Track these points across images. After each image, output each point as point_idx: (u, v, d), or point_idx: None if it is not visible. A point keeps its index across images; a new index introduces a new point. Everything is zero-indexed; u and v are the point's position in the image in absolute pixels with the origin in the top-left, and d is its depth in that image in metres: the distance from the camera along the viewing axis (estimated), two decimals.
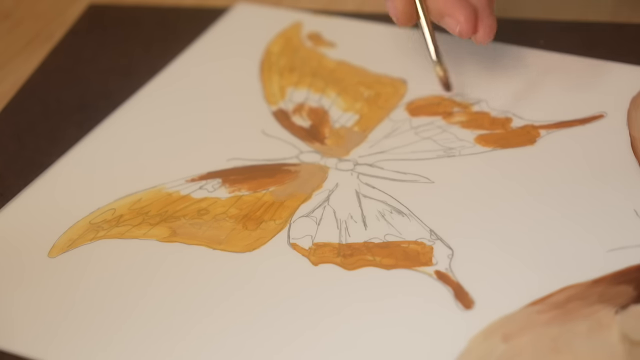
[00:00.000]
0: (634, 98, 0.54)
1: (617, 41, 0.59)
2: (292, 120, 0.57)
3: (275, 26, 0.64)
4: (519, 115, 0.55)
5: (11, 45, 0.67)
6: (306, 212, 0.51)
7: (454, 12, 0.51)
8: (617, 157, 0.51)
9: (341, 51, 0.62)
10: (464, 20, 0.51)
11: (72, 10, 0.69)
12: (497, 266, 0.46)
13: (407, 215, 0.50)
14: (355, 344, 0.44)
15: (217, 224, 0.51)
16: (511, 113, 0.55)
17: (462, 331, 0.43)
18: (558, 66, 0.57)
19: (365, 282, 0.46)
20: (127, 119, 0.58)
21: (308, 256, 0.48)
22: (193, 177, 0.54)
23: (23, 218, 0.52)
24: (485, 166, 0.52)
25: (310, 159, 0.54)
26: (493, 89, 0.56)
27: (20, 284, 0.49)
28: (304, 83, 0.59)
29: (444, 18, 0.52)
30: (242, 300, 0.46)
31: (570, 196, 0.49)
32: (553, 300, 0.44)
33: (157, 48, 0.64)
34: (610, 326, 0.42)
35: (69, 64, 0.64)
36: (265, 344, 0.44)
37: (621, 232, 0.47)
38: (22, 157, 0.57)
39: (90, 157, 0.56)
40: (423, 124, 0.55)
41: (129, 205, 0.52)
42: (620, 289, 0.44)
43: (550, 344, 0.42)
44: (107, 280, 0.48)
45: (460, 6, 0.51)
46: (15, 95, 0.62)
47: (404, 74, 0.59)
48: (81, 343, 0.45)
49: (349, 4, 0.66)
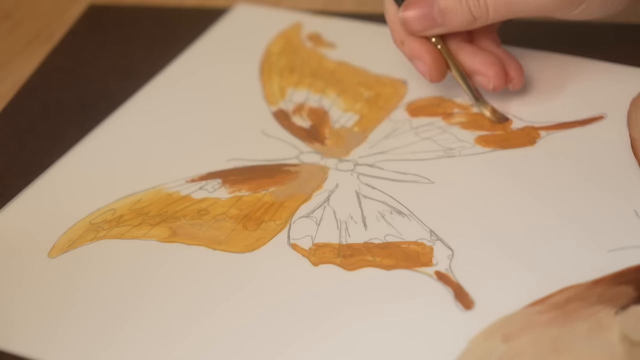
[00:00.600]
0: (633, 99, 0.54)
1: (617, 42, 0.59)
2: (292, 121, 0.57)
3: (276, 27, 0.64)
4: (519, 116, 0.55)
5: (11, 46, 0.67)
6: (306, 213, 0.51)
7: (483, 70, 0.53)
8: (617, 158, 0.51)
9: (341, 52, 0.62)
10: (494, 76, 0.53)
11: (72, 11, 0.69)
12: (497, 267, 0.46)
13: (407, 216, 0.50)
14: (356, 345, 0.44)
15: (217, 224, 0.51)
16: (511, 114, 0.55)
17: (462, 332, 0.43)
18: (558, 67, 0.57)
19: (365, 283, 0.46)
20: (128, 119, 0.58)
21: (308, 257, 0.48)
22: (193, 178, 0.54)
23: (23, 218, 0.52)
24: (485, 167, 0.52)
25: (310, 159, 0.54)
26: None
27: (20, 284, 0.49)
28: (304, 83, 0.60)
29: (475, 76, 0.54)
30: (242, 301, 0.46)
31: (570, 197, 0.49)
32: (553, 301, 0.44)
33: (157, 48, 0.64)
34: (610, 327, 0.42)
35: (69, 64, 0.64)
36: (266, 344, 0.44)
37: (621, 232, 0.47)
38: (23, 158, 0.57)
39: (90, 157, 0.56)
40: (423, 124, 0.55)
41: (129, 206, 0.52)
42: (620, 290, 0.44)
43: (550, 344, 0.42)
44: (107, 280, 0.48)
45: (488, 63, 0.53)
46: (16, 96, 0.62)
47: (404, 74, 0.59)
48: (81, 343, 0.45)
49: (349, 5, 0.66)
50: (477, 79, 0.54)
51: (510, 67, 0.54)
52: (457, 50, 0.54)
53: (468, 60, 0.54)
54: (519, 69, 0.54)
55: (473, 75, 0.54)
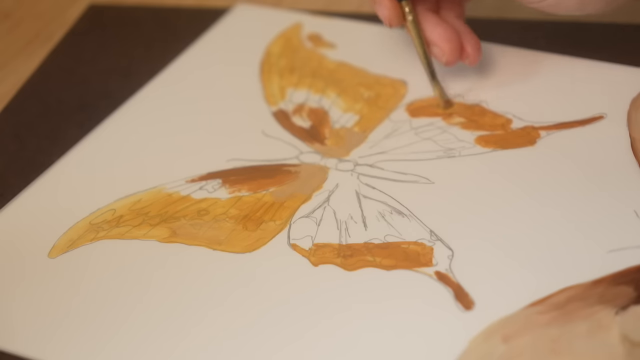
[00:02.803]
0: (634, 99, 0.54)
1: (617, 42, 0.59)
2: (292, 121, 0.57)
3: (275, 27, 0.64)
4: (519, 116, 0.55)
5: (11, 45, 0.67)
6: (306, 213, 0.51)
7: (440, 43, 0.54)
8: (617, 158, 0.51)
9: (341, 52, 0.62)
10: (449, 51, 0.54)
11: (72, 11, 0.69)
12: (498, 267, 0.46)
13: (407, 216, 0.50)
14: (355, 345, 0.44)
15: (217, 224, 0.51)
16: (511, 114, 0.55)
17: (462, 332, 0.43)
18: (558, 67, 0.57)
19: (366, 283, 0.46)
20: (128, 119, 0.58)
21: (308, 257, 0.48)
22: (193, 178, 0.54)
23: (23, 218, 0.52)
24: (485, 167, 0.52)
25: (310, 159, 0.54)
26: (493, 90, 0.56)
27: (20, 284, 0.49)
28: (304, 84, 0.60)
29: (431, 47, 0.55)
30: (242, 301, 0.46)
31: (570, 197, 0.49)
32: (553, 301, 0.44)
33: (157, 48, 0.64)
34: (610, 327, 0.42)
35: (69, 64, 0.64)
36: (265, 344, 0.44)
37: (621, 233, 0.47)
38: (23, 157, 0.57)
39: (90, 157, 0.56)
40: (423, 124, 0.55)
41: (129, 206, 0.52)
42: (620, 290, 0.44)
43: (550, 344, 0.42)
44: (107, 280, 0.48)
45: (447, 37, 0.54)
46: (16, 95, 0.62)
47: (404, 74, 0.59)
48: (81, 343, 0.45)
49: (349, 5, 0.66)
50: (433, 50, 0.55)
51: (468, 43, 0.55)
52: (421, 19, 0.55)
53: (429, 30, 0.55)
54: (476, 46, 0.55)
55: (430, 46, 0.55)
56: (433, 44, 0.55)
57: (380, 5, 0.54)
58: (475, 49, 0.55)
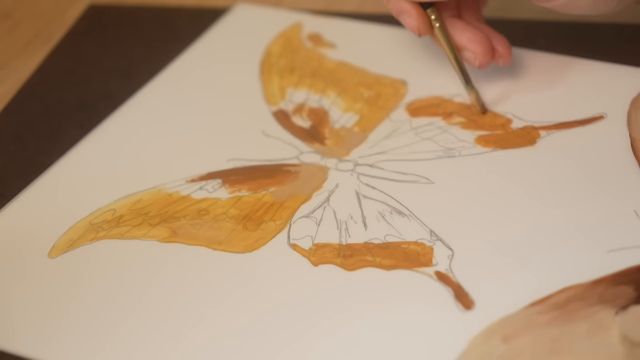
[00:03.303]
0: (634, 99, 0.54)
1: (617, 42, 0.59)
2: (292, 121, 0.57)
3: (275, 27, 0.64)
4: (519, 116, 0.55)
5: (11, 45, 0.67)
6: (306, 213, 0.51)
7: (471, 47, 0.54)
8: (617, 158, 0.51)
9: (341, 52, 0.62)
10: (482, 53, 0.53)
11: (72, 11, 0.69)
12: (498, 267, 0.46)
13: (407, 216, 0.50)
14: (355, 345, 0.44)
15: (217, 224, 0.51)
16: (511, 114, 0.55)
17: (462, 332, 0.43)
18: (558, 67, 0.57)
19: (366, 283, 0.46)
20: (128, 119, 0.58)
21: (308, 257, 0.48)
22: (193, 178, 0.54)
23: (23, 218, 0.52)
24: (485, 167, 0.52)
25: (311, 159, 0.54)
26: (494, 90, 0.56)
27: (20, 284, 0.49)
28: (304, 83, 0.60)
29: (462, 52, 0.54)
30: (242, 301, 0.46)
31: (570, 197, 0.49)
32: (553, 301, 0.44)
33: (157, 48, 0.64)
34: (610, 327, 0.42)
35: (69, 64, 0.64)
36: (265, 344, 0.44)
37: (621, 232, 0.47)
38: (23, 157, 0.57)
39: (90, 157, 0.56)
40: (423, 124, 0.55)
41: (129, 206, 0.52)
42: (620, 290, 0.44)
43: (550, 344, 0.42)
44: (107, 280, 0.48)
45: (477, 40, 0.53)
46: (15, 95, 0.62)
47: (404, 74, 0.59)
48: (81, 343, 0.45)
49: (349, 5, 0.66)
50: (464, 54, 0.54)
51: (498, 43, 0.54)
52: (447, 25, 0.54)
53: (457, 35, 0.54)
54: (506, 45, 0.54)
55: (461, 51, 0.54)
56: (464, 48, 0.54)
57: (407, 15, 0.53)
58: (506, 48, 0.54)
